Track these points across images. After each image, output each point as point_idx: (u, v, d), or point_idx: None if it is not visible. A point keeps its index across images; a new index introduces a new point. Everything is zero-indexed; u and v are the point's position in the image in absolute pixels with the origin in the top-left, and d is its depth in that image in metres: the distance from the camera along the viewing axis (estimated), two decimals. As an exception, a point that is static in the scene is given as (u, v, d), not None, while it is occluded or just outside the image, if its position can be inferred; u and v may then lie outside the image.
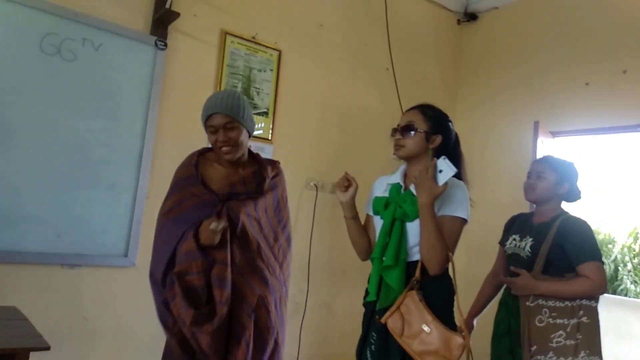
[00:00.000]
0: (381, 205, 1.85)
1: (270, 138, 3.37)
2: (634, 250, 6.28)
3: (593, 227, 6.88)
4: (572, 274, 2.03)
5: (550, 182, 2.17)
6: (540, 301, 1.99)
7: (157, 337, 2.86)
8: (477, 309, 2.35)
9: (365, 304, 1.89)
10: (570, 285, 1.98)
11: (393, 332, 1.66)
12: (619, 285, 6.15)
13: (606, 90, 3.64)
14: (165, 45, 2.89)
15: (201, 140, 3.07)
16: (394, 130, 1.98)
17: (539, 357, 1.94)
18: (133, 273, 2.80)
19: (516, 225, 2.30)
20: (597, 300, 2.04)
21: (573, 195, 2.25)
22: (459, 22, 4.68)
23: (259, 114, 3.32)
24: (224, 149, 1.91)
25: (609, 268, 6.23)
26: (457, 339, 1.56)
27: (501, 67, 4.33)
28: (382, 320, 1.69)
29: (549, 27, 4.05)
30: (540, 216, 2.21)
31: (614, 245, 6.45)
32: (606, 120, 3.61)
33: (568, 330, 1.96)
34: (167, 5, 2.79)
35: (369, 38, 3.98)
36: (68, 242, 2.58)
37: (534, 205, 2.36)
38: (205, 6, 3.13)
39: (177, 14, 2.84)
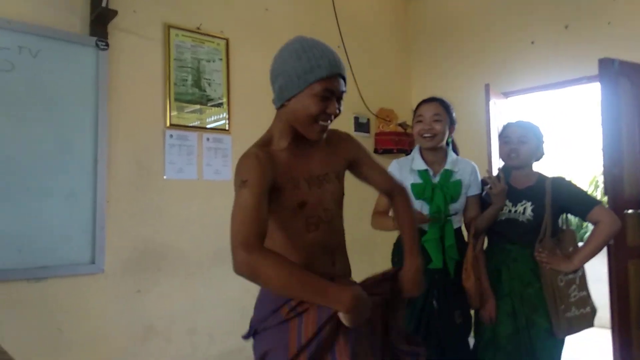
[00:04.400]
0: (428, 192, 2.14)
1: (227, 128, 3.35)
2: (600, 196, 6.51)
3: (566, 176, 7.06)
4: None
5: (532, 146, 2.24)
6: None
7: (134, 340, 2.88)
8: None
9: (427, 271, 2.05)
10: (594, 241, 2.09)
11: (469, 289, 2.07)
12: (585, 233, 6.40)
13: (551, 47, 3.74)
14: (107, 45, 2.82)
15: (158, 138, 3.06)
16: (416, 121, 2.23)
17: (568, 314, 2.07)
18: (102, 279, 2.78)
19: None
20: None
21: (541, 157, 2.33)
22: (405, -7, 4.70)
23: (213, 105, 3.29)
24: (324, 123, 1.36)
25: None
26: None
27: (450, 34, 4.39)
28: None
29: (491, -10, 4.11)
30: (521, 180, 2.25)
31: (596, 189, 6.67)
32: (553, 76, 3.72)
33: (577, 282, 2.12)
34: (104, 4, 2.72)
35: (317, 18, 3.97)
36: (30, 256, 2.53)
37: (501, 166, 2.38)
38: (144, 1, 3.06)
39: (115, 12, 2.77)
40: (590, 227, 2.21)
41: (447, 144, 2.28)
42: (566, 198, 2.15)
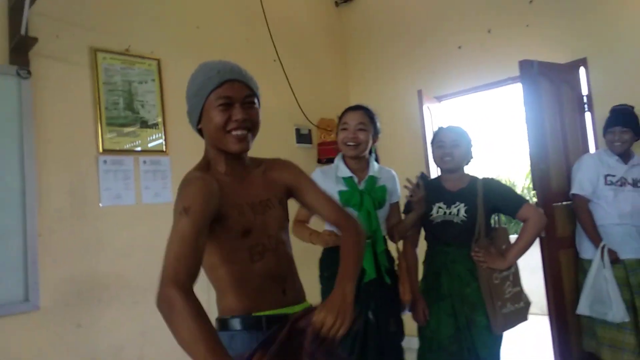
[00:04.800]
0: (356, 198, 2.15)
1: (164, 150, 3.29)
2: (533, 190, 6.82)
3: (494, 175, 7.38)
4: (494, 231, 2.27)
5: (464, 150, 2.33)
6: None
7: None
8: None
9: (364, 284, 2.08)
10: (525, 237, 2.20)
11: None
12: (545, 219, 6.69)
13: (477, 51, 3.91)
14: (29, 72, 2.71)
15: (91, 165, 2.96)
16: (341, 128, 2.26)
17: (504, 310, 2.16)
18: (38, 316, 2.65)
19: (431, 194, 2.33)
20: None
21: (469, 160, 2.43)
22: (336, 4, 4.79)
23: (147, 126, 3.23)
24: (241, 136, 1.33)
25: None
26: None
27: (383, 40, 4.51)
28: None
29: (418, -1, 4.26)
30: (453, 183, 2.33)
31: (514, 189, 6.98)
32: (481, 78, 3.89)
33: (511, 279, 2.22)
34: (22, 32, 2.61)
35: (250, 33, 3.97)
36: (-43, 300, 2.39)
37: (438, 171, 2.47)
38: (67, 25, 2.96)
39: (35, 39, 2.67)
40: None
41: (370, 152, 2.32)
42: (497, 198, 2.25)
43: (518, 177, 6.91)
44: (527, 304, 2.28)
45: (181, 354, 3.45)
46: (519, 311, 2.21)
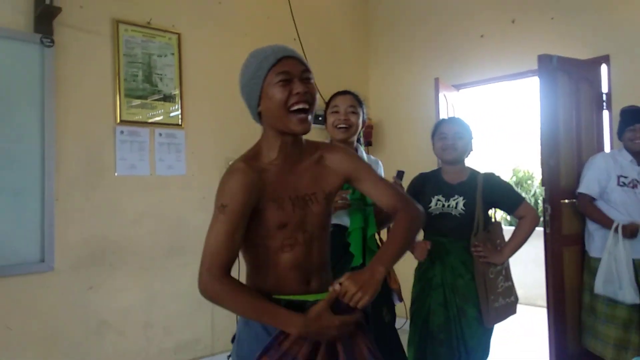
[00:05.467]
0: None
1: (180, 123, 3.36)
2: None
3: (513, 166, 7.28)
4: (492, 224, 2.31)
5: (467, 142, 2.34)
6: None
7: (87, 336, 2.91)
8: None
9: (350, 269, 2.08)
10: (521, 234, 2.25)
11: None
12: (540, 218, 6.66)
13: (499, 40, 3.85)
14: (52, 41, 2.79)
15: (108, 135, 3.06)
16: (331, 112, 2.22)
17: (496, 304, 2.21)
18: (53, 277, 2.79)
19: (430, 186, 2.37)
20: None
21: (469, 152, 2.42)
22: (362, -15, 4.74)
23: (164, 99, 3.30)
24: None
25: (529, 202, 6.71)
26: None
27: (406, 27, 4.47)
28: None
29: (443, -16, 4.19)
30: (454, 175, 2.34)
31: (533, 181, 6.93)
32: (501, 69, 3.84)
33: (503, 273, 2.28)
34: (47, 1, 2.69)
35: (272, 10, 3.98)
36: (-23, 256, 2.53)
37: (440, 162, 2.49)
38: (91, -4, 3.03)
39: (59, 9, 2.74)
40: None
41: (358, 140, 2.32)
42: (496, 194, 2.28)
43: (538, 169, 6.84)
44: (517, 298, 2.32)
45: (186, 319, 3.61)
46: (510, 305, 2.26)
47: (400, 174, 2.18)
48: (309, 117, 1.29)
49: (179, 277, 3.25)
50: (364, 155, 2.31)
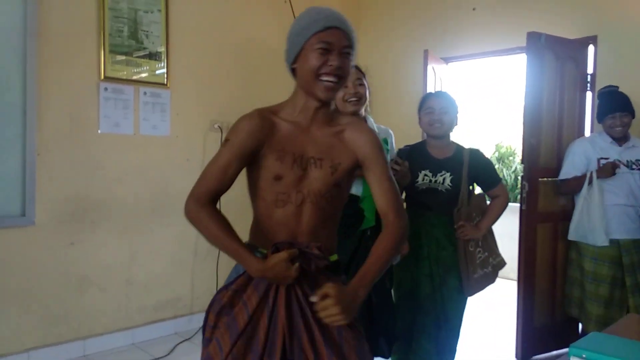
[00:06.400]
0: None
1: (166, 83, 3.32)
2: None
3: (497, 142, 7.29)
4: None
5: (452, 117, 2.37)
6: None
7: (68, 290, 2.95)
8: None
9: (361, 231, 2.19)
10: (496, 211, 2.39)
11: None
12: (518, 193, 6.79)
13: (491, 14, 3.84)
14: (35, -9, 2.71)
15: (91, 91, 3.01)
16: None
17: (474, 275, 2.32)
18: (34, 231, 2.80)
19: (417, 159, 2.37)
20: None
21: (454, 126, 2.45)
22: (356, -51, 4.63)
23: (150, 57, 3.24)
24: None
25: (509, 178, 6.83)
26: None
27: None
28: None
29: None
30: (440, 150, 2.38)
31: (514, 157, 7.02)
32: (492, 43, 3.85)
33: (480, 244, 2.38)
34: (30, -53, 2.59)
35: (263, -32, 3.88)
36: (-44, 207, 2.52)
37: (425, 135, 2.50)
38: (76, -56, 2.92)
39: (43, -44, 2.65)
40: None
41: (366, 109, 2.31)
42: (479, 170, 2.36)
43: (520, 146, 6.93)
44: (495, 267, 2.41)
45: (167, 278, 3.65)
46: (487, 275, 2.37)
47: (403, 151, 2.26)
48: (337, 87, 1.33)
49: (161, 237, 3.28)
50: (374, 126, 2.31)
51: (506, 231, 5.52)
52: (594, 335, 1.28)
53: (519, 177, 6.84)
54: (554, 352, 3.17)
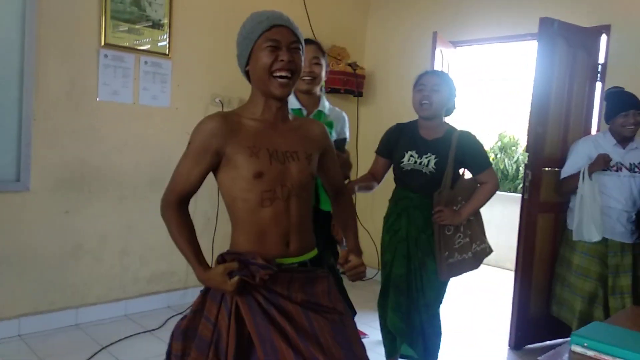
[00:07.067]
0: None
1: (167, 53, 3.25)
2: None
3: (499, 131, 7.21)
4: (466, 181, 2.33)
5: (444, 96, 2.25)
6: None
7: (63, 258, 2.93)
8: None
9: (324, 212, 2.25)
10: (481, 198, 2.28)
11: None
12: (520, 184, 6.76)
13: (503, -1, 3.75)
14: (36, -50, 2.63)
15: (91, 57, 2.94)
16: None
17: (450, 260, 2.26)
18: (29, 197, 2.76)
19: (405, 140, 2.35)
20: None
21: (451, 110, 2.39)
22: None
23: (152, 26, 3.17)
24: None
25: (511, 168, 6.78)
26: None
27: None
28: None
29: None
30: (430, 131, 2.32)
31: (517, 147, 6.97)
32: (503, 29, 3.76)
33: (462, 230, 2.30)
34: None
35: (272, -58, 3.78)
36: (-50, 169, 2.48)
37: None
38: None
39: None
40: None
41: (321, 89, 2.33)
42: (467, 154, 2.27)
43: (523, 135, 6.87)
44: (478, 254, 2.34)
45: (162, 251, 3.62)
46: (465, 261, 2.31)
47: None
48: (290, 83, 1.37)
49: (158, 209, 3.23)
50: (326, 104, 2.32)
51: (505, 221, 5.54)
52: (596, 325, 1.25)
53: (521, 168, 6.81)
54: (548, 342, 3.16)
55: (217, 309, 1.31)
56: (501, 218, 5.38)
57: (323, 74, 2.22)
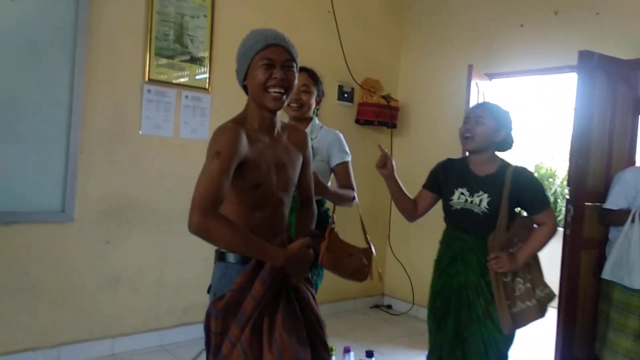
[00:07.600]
0: None
1: (207, 87, 3.34)
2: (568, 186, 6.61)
3: (537, 161, 7.03)
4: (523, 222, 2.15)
5: (489, 128, 2.11)
6: None
7: (101, 288, 2.97)
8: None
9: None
10: (539, 241, 2.08)
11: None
12: (558, 217, 6.55)
13: (539, 32, 3.73)
14: (87, -8, 2.77)
15: (135, 92, 3.05)
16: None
17: (513, 310, 2.04)
18: (72, 228, 2.84)
19: (455, 176, 2.20)
20: None
21: (507, 144, 2.23)
22: (401, -38, 4.60)
23: (192, 62, 3.27)
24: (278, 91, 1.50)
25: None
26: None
27: (443, 11, 4.34)
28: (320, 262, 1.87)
29: (487, -33, 4.05)
30: (481, 166, 2.16)
31: (554, 179, 6.79)
32: (539, 61, 3.73)
33: (520, 274, 2.10)
34: (86, -50, 2.66)
35: (308, -20, 3.89)
36: (0, 200, 2.57)
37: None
38: (129, -51, 2.99)
39: (97, -41, 2.71)
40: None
41: (314, 114, 2.36)
42: (523, 192, 2.10)
43: (560, 167, 6.71)
44: (543, 299, 2.13)
45: (197, 282, 3.63)
46: (530, 309, 2.10)
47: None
48: (283, 97, 1.49)
49: (193, 240, 3.19)
50: (316, 125, 2.32)
51: (545, 256, 5.35)
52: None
53: (559, 200, 6.62)
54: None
55: (264, 290, 1.40)
56: (542, 253, 5.20)
57: (312, 101, 2.27)
